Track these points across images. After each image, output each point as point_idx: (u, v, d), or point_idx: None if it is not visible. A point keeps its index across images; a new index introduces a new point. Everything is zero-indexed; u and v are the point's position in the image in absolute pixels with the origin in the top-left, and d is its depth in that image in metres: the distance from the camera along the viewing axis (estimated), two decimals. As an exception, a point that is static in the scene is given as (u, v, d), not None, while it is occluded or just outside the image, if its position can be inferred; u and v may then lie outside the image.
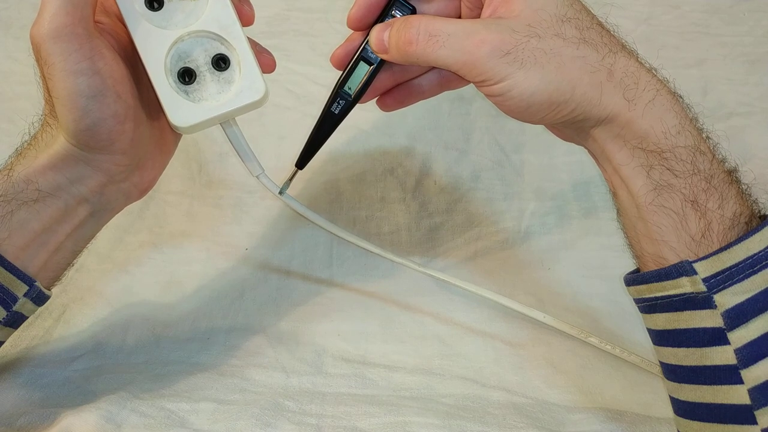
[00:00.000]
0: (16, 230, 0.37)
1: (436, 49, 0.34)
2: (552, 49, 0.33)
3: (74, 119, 0.36)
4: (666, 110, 0.33)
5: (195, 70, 0.38)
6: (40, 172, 0.37)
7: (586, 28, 0.34)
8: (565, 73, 0.33)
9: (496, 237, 0.61)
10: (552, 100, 0.33)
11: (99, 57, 0.35)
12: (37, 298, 0.40)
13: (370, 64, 0.40)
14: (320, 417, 0.42)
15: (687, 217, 0.33)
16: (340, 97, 0.40)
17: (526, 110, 0.34)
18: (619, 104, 0.33)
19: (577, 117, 0.34)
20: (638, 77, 0.34)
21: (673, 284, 0.33)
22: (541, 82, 0.33)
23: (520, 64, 0.33)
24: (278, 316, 0.53)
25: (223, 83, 0.39)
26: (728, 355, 0.32)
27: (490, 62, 0.33)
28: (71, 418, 0.40)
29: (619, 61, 0.34)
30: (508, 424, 0.41)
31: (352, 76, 0.40)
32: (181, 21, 0.38)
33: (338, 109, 0.41)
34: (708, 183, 0.33)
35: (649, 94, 0.33)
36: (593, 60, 0.33)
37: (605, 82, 0.33)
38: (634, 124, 0.33)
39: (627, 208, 0.36)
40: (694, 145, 0.33)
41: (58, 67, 0.35)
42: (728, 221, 0.33)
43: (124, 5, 0.37)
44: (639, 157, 0.34)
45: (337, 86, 0.40)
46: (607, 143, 0.35)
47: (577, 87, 0.33)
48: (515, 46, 0.33)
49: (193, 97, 0.38)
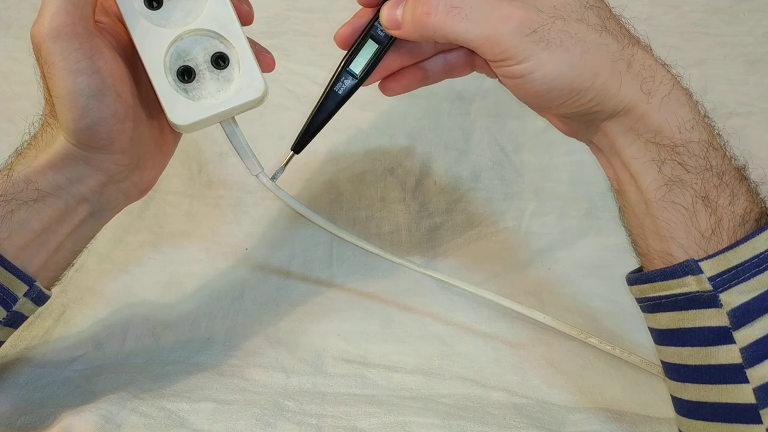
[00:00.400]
0: (16, 230, 0.37)
1: (458, 21, 0.33)
2: (577, 33, 0.32)
3: (74, 118, 0.36)
4: (681, 105, 0.33)
5: (194, 68, 0.38)
6: (40, 171, 0.37)
7: (607, 18, 0.34)
8: (588, 59, 0.32)
9: (496, 237, 0.61)
10: (573, 86, 0.33)
11: (99, 56, 0.35)
12: (37, 298, 0.40)
13: (379, 43, 0.38)
14: (320, 417, 0.42)
15: (697, 213, 0.33)
16: (344, 77, 0.39)
17: (545, 95, 0.33)
18: (636, 96, 0.33)
19: (593, 108, 0.34)
20: (655, 70, 0.33)
21: (678, 283, 0.33)
22: (566, 65, 0.32)
23: (546, 45, 0.32)
24: (278, 316, 0.53)
25: (223, 81, 0.39)
26: (733, 354, 0.32)
27: (514, 39, 0.32)
28: (71, 418, 0.40)
29: (637, 53, 0.33)
30: (508, 424, 0.41)
31: (358, 54, 0.38)
32: (180, 19, 0.38)
33: (342, 89, 0.39)
34: (720, 179, 0.33)
35: (666, 88, 0.33)
36: (614, 49, 0.33)
37: (624, 73, 0.33)
38: (649, 117, 0.33)
39: (634, 205, 0.35)
40: (707, 141, 0.33)
41: (58, 66, 0.35)
42: (739, 218, 0.32)
43: (124, 4, 0.37)
44: (651, 151, 0.33)
45: (341, 65, 0.39)
46: (619, 137, 0.34)
47: (599, 75, 0.32)
48: (541, 26, 0.32)
49: (192, 96, 0.38)
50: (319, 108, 0.40)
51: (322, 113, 0.40)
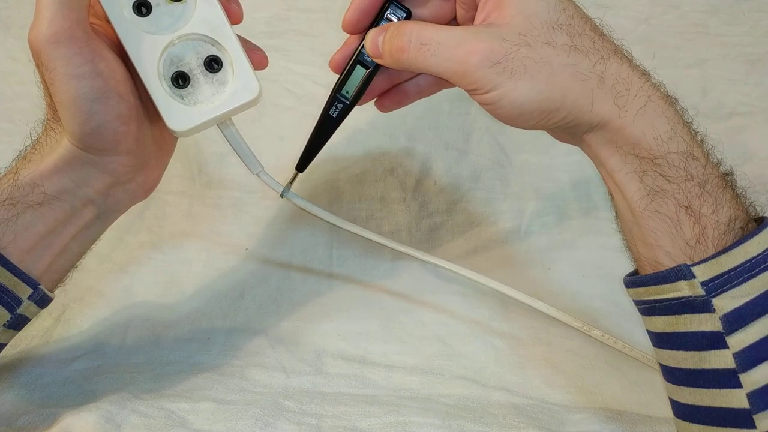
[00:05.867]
0: (21, 233, 0.37)
1: (427, 57, 0.35)
2: (542, 58, 0.33)
3: (79, 123, 0.36)
4: (658, 116, 0.33)
5: (188, 73, 0.38)
6: (46, 175, 0.37)
7: (578, 35, 0.34)
8: (555, 82, 0.33)
9: (496, 237, 0.61)
10: (542, 108, 0.33)
11: (100, 59, 0.35)
12: (41, 301, 0.40)
13: (367, 68, 0.40)
14: (320, 417, 0.42)
15: (681, 223, 0.33)
16: (337, 101, 0.41)
17: (518, 118, 0.34)
18: (610, 111, 0.33)
19: (570, 123, 0.34)
20: (630, 83, 0.33)
21: (671, 288, 0.33)
22: (531, 91, 0.33)
23: (510, 74, 0.33)
24: (278, 316, 0.53)
25: (217, 85, 0.39)
26: (727, 359, 0.32)
27: (479, 72, 0.33)
28: (71, 418, 0.40)
29: (610, 67, 0.33)
30: (508, 424, 0.41)
31: (349, 79, 0.40)
32: (170, 25, 0.38)
33: (336, 112, 0.41)
34: (701, 188, 0.33)
35: (641, 101, 0.33)
36: (584, 68, 0.33)
37: (596, 89, 0.33)
38: (625, 130, 0.33)
39: (622, 212, 0.36)
40: (686, 151, 0.33)
41: (60, 72, 0.34)
42: (723, 226, 0.32)
43: (113, 12, 0.37)
44: (632, 163, 0.34)
45: (334, 90, 0.40)
46: (600, 149, 0.35)
47: (568, 95, 0.33)
48: (505, 56, 0.33)
49: (188, 101, 0.38)
50: (316, 132, 0.42)
51: (320, 136, 0.42)
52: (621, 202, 0.36)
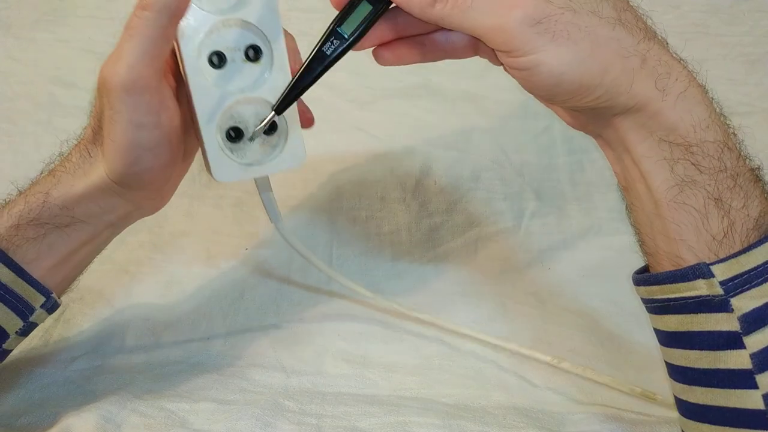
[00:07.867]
0: (45, 252, 0.39)
1: (464, 10, 0.32)
2: (587, 26, 0.31)
3: (125, 164, 0.36)
4: (697, 103, 0.32)
5: (244, 130, 0.38)
6: (77, 201, 0.38)
7: (623, 9, 0.32)
8: (597, 54, 0.31)
9: (496, 237, 0.61)
10: (582, 82, 0.31)
11: (164, 110, 0.36)
12: (51, 308, 0.41)
13: (374, 4, 0.35)
14: (320, 417, 0.42)
15: (709, 216, 0.32)
16: (335, 36, 0.36)
17: (553, 89, 0.32)
18: (650, 93, 0.32)
19: (603, 104, 0.32)
20: (671, 66, 0.32)
21: (688, 286, 0.32)
22: (573, 60, 0.31)
23: (552, 37, 0.30)
24: (278, 316, 0.53)
25: (267, 146, 0.39)
26: (743, 359, 0.31)
27: (519, 28, 0.31)
28: (71, 418, 0.40)
29: (653, 48, 0.32)
30: (508, 424, 0.41)
31: (351, 15, 0.35)
32: (240, 84, 0.37)
33: (331, 49, 0.36)
34: (734, 181, 0.32)
35: (681, 85, 0.32)
36: (628, 44, 0.31)
37: (638, 69, 0.31)
38: (663, 115, 0.32)
39: (643, 204, 0.34)
40: (722, 141, 0.32)
41: (124, 117, 0.34)
42: (753, 221, 0.32)
43: (189, 58, 0.36)
44: (664, 150, 0.32)
45: (332, 24, 0.36)
46: (630, 133, 0.33)
47: (609, 72, 0.31)
48: (548, 16, 0.30)
49: (236, 156, 0.38)
50: (305, 68, 0.37)
51: (307, 74, 0.37)
52: (643, 193, 0.34)
